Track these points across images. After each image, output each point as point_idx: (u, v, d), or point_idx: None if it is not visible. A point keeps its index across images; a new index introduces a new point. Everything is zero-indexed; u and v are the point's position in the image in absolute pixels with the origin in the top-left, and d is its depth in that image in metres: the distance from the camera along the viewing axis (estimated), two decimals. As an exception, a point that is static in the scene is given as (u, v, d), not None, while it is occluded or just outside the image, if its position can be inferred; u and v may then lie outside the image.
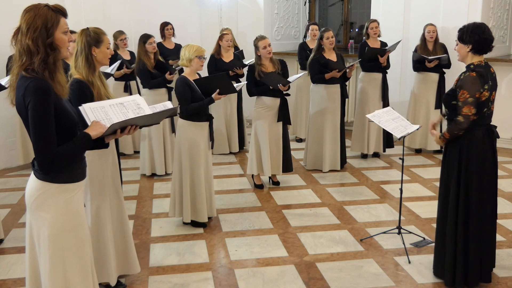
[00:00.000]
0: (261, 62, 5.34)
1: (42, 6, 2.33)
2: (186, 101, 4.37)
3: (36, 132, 2.29)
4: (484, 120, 3.37)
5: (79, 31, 3.31)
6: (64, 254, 2.47)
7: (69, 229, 2.48)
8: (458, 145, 3.39)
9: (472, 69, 3.32)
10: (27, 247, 2.56)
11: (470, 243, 3.41)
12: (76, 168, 2.50)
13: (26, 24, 2.30)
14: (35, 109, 2.27)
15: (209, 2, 8.86)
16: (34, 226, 2.48)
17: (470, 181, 3.37)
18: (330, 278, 3.73)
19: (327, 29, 5.98)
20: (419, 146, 6.98)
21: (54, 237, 2.43)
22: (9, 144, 6.56)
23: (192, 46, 4.40)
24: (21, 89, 2.31)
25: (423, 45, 6.65)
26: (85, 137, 2.46)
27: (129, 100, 2.81)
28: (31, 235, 2.52)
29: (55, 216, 2.42)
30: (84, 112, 2.61)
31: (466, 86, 3.26)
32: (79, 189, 2.55)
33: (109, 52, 3.34)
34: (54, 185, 2.42)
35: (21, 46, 2.31)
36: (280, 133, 5.56)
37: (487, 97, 3.30)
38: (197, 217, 4.57)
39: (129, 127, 2.67)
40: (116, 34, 6.68)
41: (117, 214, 3.49)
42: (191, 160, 4.46)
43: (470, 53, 3.36)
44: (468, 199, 3.38)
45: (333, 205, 5.17)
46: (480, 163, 3.36)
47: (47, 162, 2.32)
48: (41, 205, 2.42)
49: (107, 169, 3.37)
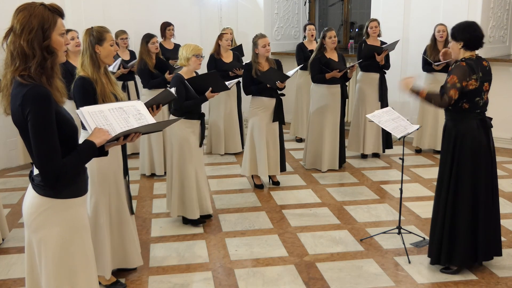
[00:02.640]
0: (258, 60, 5.34)
1: (38, 5, 2.13)
2: (180, 99, 4.39)
3: (39, 145, 2.09)
4: (477, 108, 3.58)
5: (84, 31, 3.39)
6: (71, 273, 2.30)
7: (76, 246, 2.30)
8: (453, 133, 3.62)
9: (463, 60, 3.58)
10: (27, 267, 2.37)
11: (457, 226, 3.64)
12: (79, 181, 2.33)
13: (20, 25, 2.08)
14: (36, 119, 2.07)
15: (209, 2, 8.86)
16: (35, 245, 2.28)
17: (463, 168, 3.60)
18: (330, 278, 3.73)
19: (330, 29, 5.98)
20: (428, 147, 6.95)
21: (59, 255, 2.25)
22: (9, 144, 6.56)
23: (190, 45, 4.44)
24: (18, 98, 2.09)
25: (433, 45, 6.60)
26: (89, 146, 2.24)
27: (129, 105, 2.67)
28: (30, 255, 2.33)
29: (60, 234, 2.24)
30: (83, 116, 2.41)
31: (456, 72, 3.54)
32: (84, 203, 2.42)
33: (114, 49, 3.41)
34: (59, 201, 2.23)
35: (14, 49, 2.10)
36: (277, 133, 5.56)
37: (477, 87, 3.53)
38: (186, 213, 4.58)
39: (133, 134, 2.49)
40: (118, 33, 6.67)
41: (117, 209, 3.55)
42: (181, 156, 4.49)
43: (462, 49, 3.61)
44: (459, 186, 3.61)
45: (333, 205, 5.17)
46: (473, 152, 3.57)
47: (53, 175, 2.12)
48: (44, 223, 2.22)
49: (109, 166, 3.43)
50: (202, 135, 4.61)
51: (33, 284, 2.37)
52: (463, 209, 3.61)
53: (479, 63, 3.59)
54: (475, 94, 3.54)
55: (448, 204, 3.65)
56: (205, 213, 4.69)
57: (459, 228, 3.63)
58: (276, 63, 5.44)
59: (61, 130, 2.17)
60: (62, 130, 2.18)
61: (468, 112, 3.57)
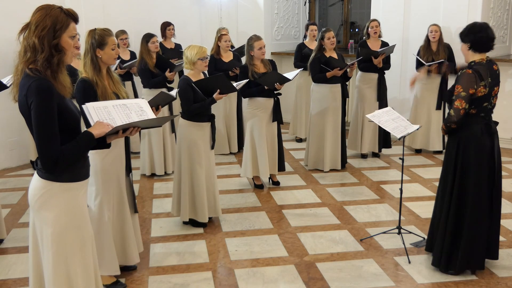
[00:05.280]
0: (253, 62, 5.31)
1: (55, 7, 2.36)
2: (188, 101, 4.37)
3: (40, 132, 2.30)
4: (484, 113, 3.54)
5: (87, 32, 3.42)
6: (67, 253, 2.48)
7: (72, 228, 2.48)
8: (457, 138, 3.58)
9: (470, 67, 3.50)
10: (31, 247, 2.56)
11: (459, 232, 3.62)
12: (79, 167, 2.51)
13: (35, 22, 2.31)
14: (38, 109, 2.28)
15: (209, 2, 8.86)
16: (37, 225, 2.48)
17: (466, 174, 3.56)
18: (330, 278, 3.73)
19: (328, 29, 5.97)
20: (420, 147, 6.99)
21: (57, 236, 2.44)
22: (9, 144, 6.55)
23: (194, 48, 4.40)
24: (24, 89, 2.31)
25: (426, 45, 6.62)
26: (88, 136, 2.44)
27: (133, 103, 2.85)
28: (34, 235, 2.52)
29: (58, 215, 2.43)
30: (87, 111, 2.62)
31: (461, 81, 3.46)
32: (83, 188, 2.56)
33: (115, 52, 3.42)
34: (57, 184, 2.42)
35: (27, 43, 2.32)
36: (276, 133, 5.56)
37: (486, 93, 3.47)
38: (196, 217, 4.57)
39: (132, 128, 2.68)
40: (118, 33, 6.67)
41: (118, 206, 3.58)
42: (190, 160, 4.47)
43: (470, 51, 3.55)
44: (462, 191, 3.58)
45: (333, 205, 5.17)
46: (477, 157, 3.53)
47: (51, 161, 2.32)
48: (44, 204, 2.42)
49: (112, 164, 3.47)
50: (213, 137, 4.58)
51: (35, 263, 2.55)
52: (465, 215, 3.57)
53: (489, 67, 3.51)
54: (484, 99, 3.49)
55: (451, 208, 3.61)
56: (214, 215, 4.69)
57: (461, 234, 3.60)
58: (270, 64, 5.43)
59: (64, 120, 2.37)
60: (65, 121, 2.38)
61: (473, 117, 3.51)
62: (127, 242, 3.67)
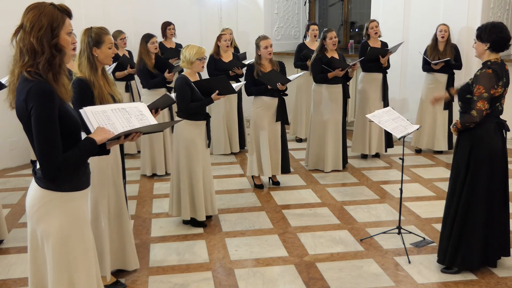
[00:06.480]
0: (260, 62, 5.34)
1: (47, 5, 2.22)
2: (186, 100, 4.38)
3: (41, 139, 2.16)
4: (496, 113, 3.55)
5: (83, 31, 3.30)
6: (70, 264, 2.36)
7: (76, 240, 2.36)
8: (470, 136, 3.55)
9: (489, 66, 3.49)
10: (30, 253, 2.43)
11: (468, 229, 3.61)
12: (80, 176, 2.38)
13: (30, 23, 2.16)
14: (39, 114, 2.14)
15: (209, 2, 8.86)
16: (38, 237, 2.35)
17: (479, 171, 3.54)
18: (330, 278, 3.73)
19: (330, 29, 5.98)
20: (426, 147, 6.96)
21: (59, 247, 2.32)
22: (9, 144, 6.55)
23: (193, 48, 4.39)
24: (23, 93, 2.17)
25: (433, 44, 6.61)
26: (90, 143, 2.31)
27: (132, 107, 2.74)
28: (33, 241, 2.39)
29: (60, 227, 2.30)
30: (86, 115, 2.49)
31: (482, 81, 3.43)
32: (84, 197, 2.45)
33: (112, 51, 3.33)
34: (58, 194, 2.29)
35: (24, 45, 2.17)
36: (279, 133, 5.55)
37: (501, 93, 3.50)
38: (196, 215, 4.58)
39: (133, 134, 2.55)
40: (116, 34, 6.67)
41: (116, 210, 3.55)
42: (188, 158, 4.47)
43: (487, 51, 3.53)
44: (474, 189, 3.56)
45: (333, 205, 5.17)
46: (490, 154, 3.54)
47: (54, 169, 2.18)
48: (45, 215, 2.29)
49: (108, 167, 3.42)
50: (208, 136, 4.59)
51: (35, 274, 2.44)
52: (477, 212, 3.58)
53: (503, 68, 3.53)
54: (497, 99, 3.51)
55: (461, 206, 3.60)
56: (210, 213, 4.70)
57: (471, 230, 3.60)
58: (279, 65, 5.43)
59: (65, 125, 2.24)
60: (66, 125, 2.24)
61: (487, 116, 3.51)
62: (126, 247, 3.64)
